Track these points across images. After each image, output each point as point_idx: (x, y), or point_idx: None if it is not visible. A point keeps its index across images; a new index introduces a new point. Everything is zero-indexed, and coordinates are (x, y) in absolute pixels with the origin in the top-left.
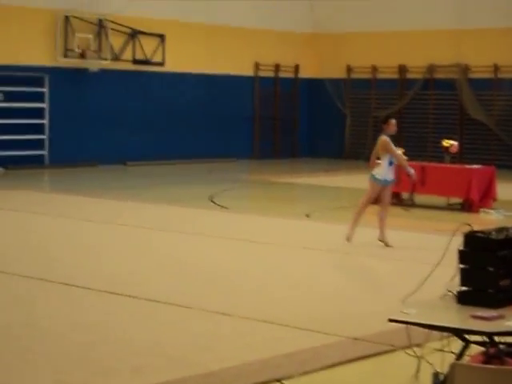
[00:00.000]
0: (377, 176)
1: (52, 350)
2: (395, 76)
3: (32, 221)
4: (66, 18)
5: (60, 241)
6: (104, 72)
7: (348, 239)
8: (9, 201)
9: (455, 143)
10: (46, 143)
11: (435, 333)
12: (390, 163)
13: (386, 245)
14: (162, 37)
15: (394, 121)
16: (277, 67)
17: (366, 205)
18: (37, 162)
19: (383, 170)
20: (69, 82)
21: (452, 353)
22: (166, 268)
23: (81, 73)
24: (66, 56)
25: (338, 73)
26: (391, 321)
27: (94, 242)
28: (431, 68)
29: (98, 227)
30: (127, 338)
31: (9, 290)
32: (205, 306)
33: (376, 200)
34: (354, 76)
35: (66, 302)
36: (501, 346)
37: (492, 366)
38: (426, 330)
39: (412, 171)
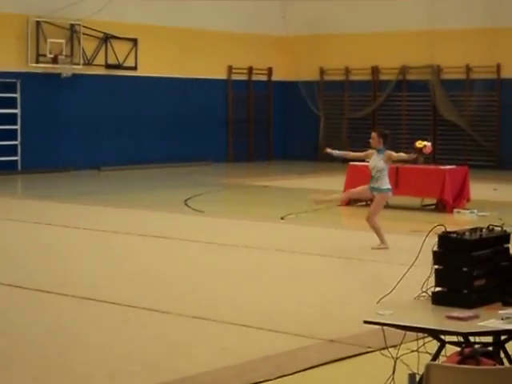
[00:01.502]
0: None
1: (27, 357)
2: (368, 78)
3: (4, 227)
4: (38, 23)
5: (33, 247)
6: (76, 77)
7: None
8: None
9: (428, 144)
10: (19, 149)
11: (411, 334)
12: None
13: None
14: (134, 41)
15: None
16: (250, 70)
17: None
18: (9, 167)
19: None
20: (41, 88)
21: (428, 353)
22: (140, 273)
23: (53, 78)
24: (37, 61)
25: (311, 75)
26: (366, 322)
27: (68, 248)
28: (404, 69)
29: (72, 233)
30: (102, 345)
31: None
32: (180, 311)
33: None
34: (327, 78)
35: (39, 308)
36: (476, 346)
37: (467, 366)
38: (402, 331)
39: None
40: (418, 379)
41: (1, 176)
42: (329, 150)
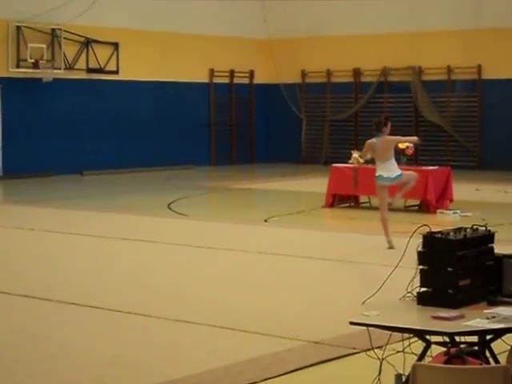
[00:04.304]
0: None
1: (12, 362)
2: (350, 80)
3: None
4: (18, 27)
5: (16, 252)
6: (58, 81)
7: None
8: None
9: (411, 145)
10: (0, 154)
11: (396, 334)
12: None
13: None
14: (115, 45)
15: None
16: (232, 73)
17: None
18: None
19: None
20: (22, 92)
21: (413, 354)
22: (125, 277)
23: (34, 82)
24: (18, 66)
25: (293, 77)
26: (352, 323)
27: (52, 253)
28: (385, 71)
29: (56, 237)
30: (87, 349)
31: None
32: (165, 315)
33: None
34: (309, 80)
35: (24, 313)
36: (462, 346)
37: (454, 366)
38: (387, 332)
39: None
40: (404, 380)
41: None
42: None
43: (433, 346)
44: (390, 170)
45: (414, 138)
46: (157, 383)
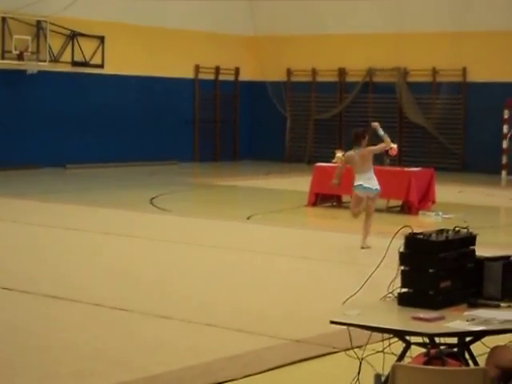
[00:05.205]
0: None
1: None
2: (335, 79)
3: None
4: (4, 19)
5: (0, 245)
6: (42, 74)
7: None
8: None
9: (394, 146)
10: None
11: (376, 334)
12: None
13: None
14: (101, 39)
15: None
16: (217, 70)
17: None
18: None
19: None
20: (6, 84)
21: (393, 354)
22: (107, 271)
23: (18, 74)
24: (3, 57)
25: (279, 75)
26: (333, 323)
27: (34, 246)
28: (371, 71)
29: (39, 231)
30: (69, 343)
31: None
32: (147, 310)
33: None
34: (295, 79)
35: (6, 306)
36: (441, 347)
37: (433, 367)
38: (368, 332)
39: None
40: (383, 380)
41: None
42: (375, 124)
43: (412, 346)
44: (370, 179)
45: (382, 145)
46: (137, 378)
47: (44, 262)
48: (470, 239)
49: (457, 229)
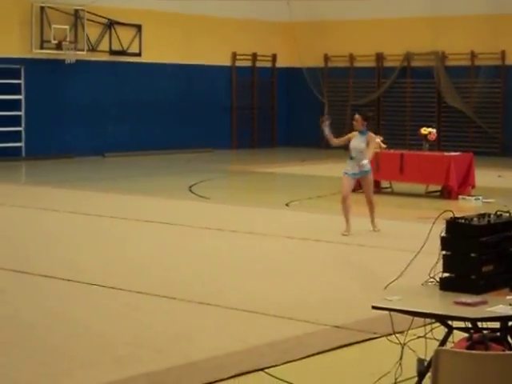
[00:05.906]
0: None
1: (35, 342)
2: (372, 64)
3: (7, 213)
4: (42, 8)
5: (36, 233)
6: (80, 63)
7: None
8: None
9: (433, 131)
10: (23, 135)
11: (418, 319)
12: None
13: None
14: (138, 27)
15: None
16: (254, 56)
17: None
18: (13, 154)
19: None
20: (45, 74)
21: (435, 339)
22: (148, 259)
23: (57, 64)
24: (42, 47)
25: (316, 61)
26: (374, 308)
27: (71, 234)
28: (408, 56)
29: (77, 219)
30: (110, 330)
31: None
32: (186, 297)
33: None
34: (332, 65)
35: (46, 294)
36: (484, 332)
37: (477, 352)
38: (409, 317)
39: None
40: (425, 365)
41: (5, 162)
42: (325, 122)
43: (454, 331)
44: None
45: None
46: (177, 365)
47: (82, 250)
48: None
49: (498, 213)
